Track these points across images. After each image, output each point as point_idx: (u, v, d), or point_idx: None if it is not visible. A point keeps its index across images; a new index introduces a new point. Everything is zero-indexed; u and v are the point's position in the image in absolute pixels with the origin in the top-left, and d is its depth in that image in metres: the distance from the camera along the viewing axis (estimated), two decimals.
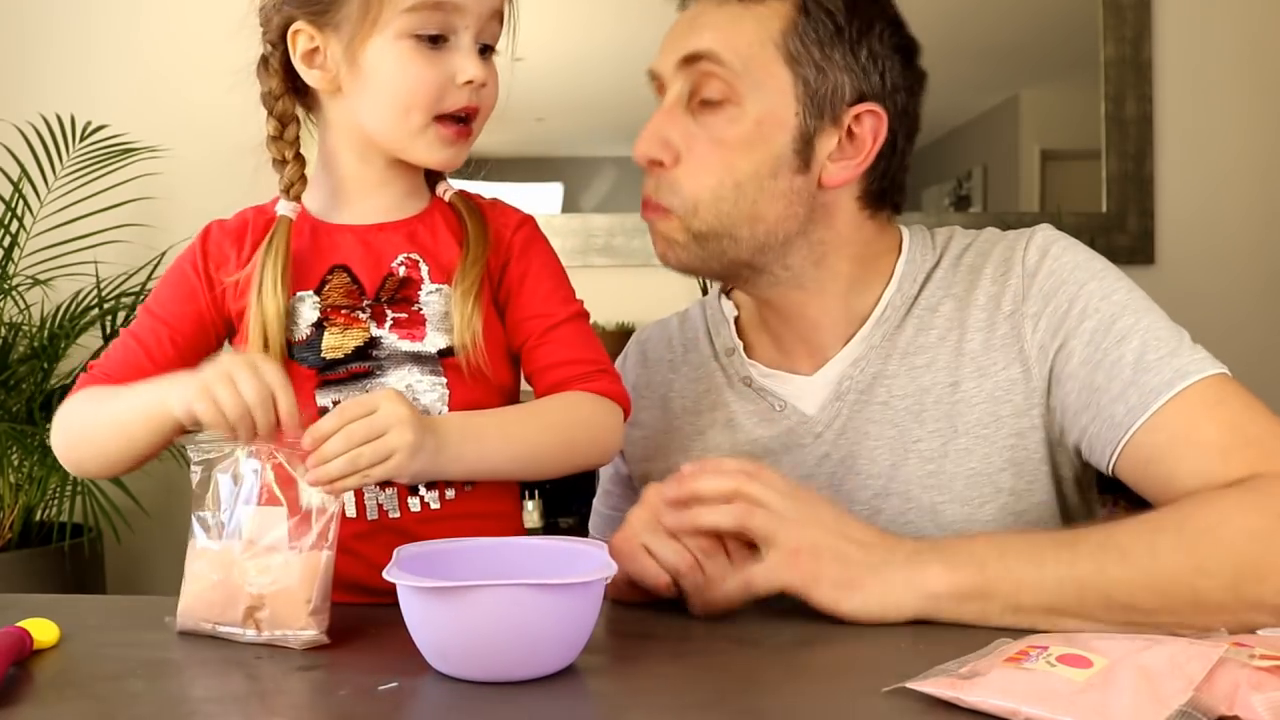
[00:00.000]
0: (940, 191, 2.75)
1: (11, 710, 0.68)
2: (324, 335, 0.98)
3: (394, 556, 0.78)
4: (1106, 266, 1.00)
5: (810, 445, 1.04)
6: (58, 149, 2.42)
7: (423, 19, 0.95)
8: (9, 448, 2.24)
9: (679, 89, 1.01)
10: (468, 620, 0.71)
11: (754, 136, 0.99)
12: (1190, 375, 0.91)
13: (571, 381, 0.99)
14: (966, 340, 1.01)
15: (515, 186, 2.70)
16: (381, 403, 0.85)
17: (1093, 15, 2.70)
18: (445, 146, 0.99)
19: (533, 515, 2.36)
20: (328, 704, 0.70)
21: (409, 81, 0.97)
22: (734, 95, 0.99)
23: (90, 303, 2.41)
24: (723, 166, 1.00)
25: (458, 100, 0.98)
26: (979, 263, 1.04)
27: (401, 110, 0.97)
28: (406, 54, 0.96)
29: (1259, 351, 2.65)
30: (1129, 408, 0.92)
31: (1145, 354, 0.93)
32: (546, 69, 2.59)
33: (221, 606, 0.83)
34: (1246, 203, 2.73)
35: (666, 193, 1.02)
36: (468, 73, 0.96)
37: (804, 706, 0.67)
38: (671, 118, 1.02)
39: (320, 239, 1.02)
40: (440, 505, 1.00)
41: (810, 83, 0.99)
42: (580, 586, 0.73)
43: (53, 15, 2.66)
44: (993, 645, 0.71)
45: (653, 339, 1.21)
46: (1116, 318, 0.95)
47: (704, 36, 1.00)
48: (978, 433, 0.99)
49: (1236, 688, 0.62)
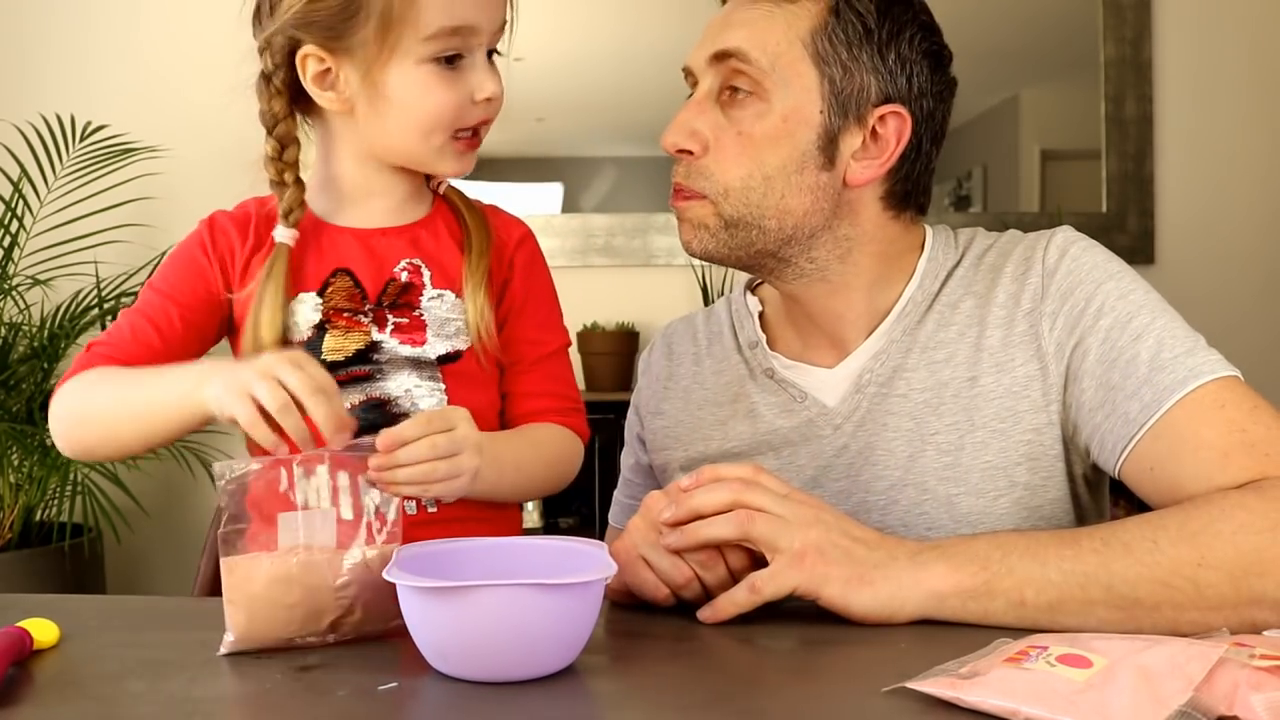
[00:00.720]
0: (940, 191, 2.75)
1: (11, 710, 0.68)
2: (325, 337, 0.99)
3: (393, 557, 0.77)
4: (1124, 268, 1.01)
5: (829, 436, 1.06)
6: (58, 149, 2.42)
7: (442, 44, 0.96)
8: (9, 448, 2.24)
9: (709, 83, 1.04)
10: (466, 620, 0.70)
11: (780, 132, 1.01)
12: (1203, 375, 0.91)
13: (549, 414, 1.05)
14: (986, 336, 1.02)
15: (515, 186, 2.70)
16: (460, 422, 0.87)
17: (1093, 15, 2.70)
18: (461, 158, 1.02)
19: (532, 515, 2.36)
20: (327, 704, 0.70)
21: (432, 106, 0.98)
22: (761, 91, 1.01)
23: (90, 303, 2.42)
24: (750, 159, 1.01)
25: (475, 116, 1.00)
26: (1000, 262, 1.05)
27: (424, 132, 0.99)
28: (428, 79, 0.97)
29: (1259, 351, 2.64)
30: (1143, 405, 0.93)
31: (1160, 352, 0.94)
32: (546, 69, 2.59)
33: (302, 620, 0.79)
34: (1247, 203, 2.73)
35: (698, 178, 1.03)
36: (486, 90, 0.99)
37: (804, 706, 0.67)
38: (701, 110, 1.04)
39: (323, 240, 1.02)
40: (437, 509, 1.00)
41: (836, 82, 1.01)
42: (579, 587, 0.73)
43: (52, 15, 2.66)
44: (993, 645, 0.71)
45: (678, 333, 1.24)
46: (1133, 316, 0.96)
47: (735, 35, 1.02)
48: (994, 426, 1.00)
49: (1236, 688, 0.62)
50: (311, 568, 0.80)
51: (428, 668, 0.74)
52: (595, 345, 2.55)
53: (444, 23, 0.95)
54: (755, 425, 1.09)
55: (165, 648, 0.82)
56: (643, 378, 1.24)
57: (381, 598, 0.80)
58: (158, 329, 0.99)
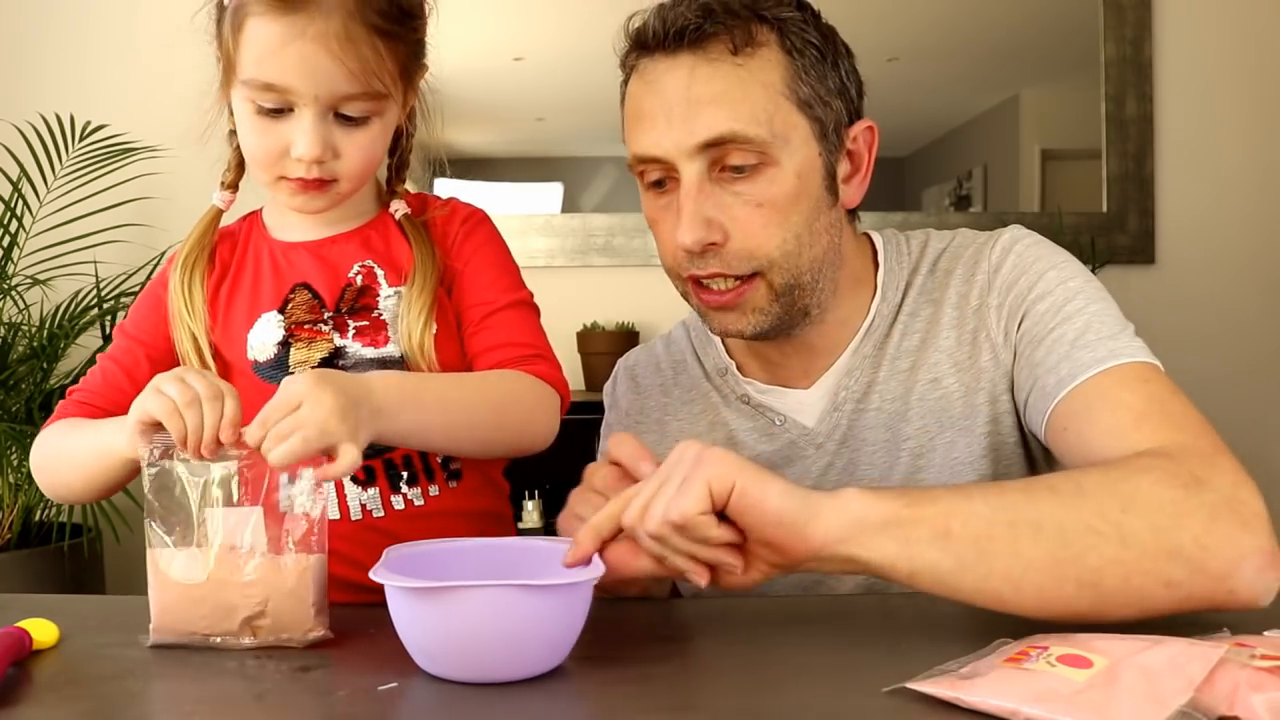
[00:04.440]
0: (940, 191, 2.75)
1: (11, 710, 0.68)
2: (290, 351, 0.99)
3: (383, 557, 0.77)
4: (1069, 259, 1.02)
5: (813, 456, 1.07)
6: (57, 149, 2.42)
7: (254, 93, 0.94)
8: (8, 448, 2.24)
9: (698, 168, 0.97)
10: (452, 621, 0.70)
11: (798, 189, 0.99)
12: (1122, 356, 0.92)
13: (508, 364, 0.99)
14: (942, 339, 1.04)
15: (515, 186, 2.70)
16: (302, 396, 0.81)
17: (1093, 15, 2.70)
18: (293, 197, 0.99)
19: (533, 515, 2.35)
20: (327, 704, 0.70)
21: (248, 144, 0.98)
22: (768, 159, 0.97)
23: (90, 303, 2.41)
24: (779, 226, 0.98)
25: (295, 170, 0.96)
26: (952, 265, 1.07)
27: (250, 163, 1.00)
28: (249, 118, 0.96)
29: (1259, 351, 2.65)
30: (1059, 378, 0.94)
31: (1085, 333, 0.95)
32: (546, 69, 2.59)
33: (212, 618, 0.81)
34: (1247, 202, 2.73)
35: (740, 262, 0.99)
36: (298, 149, 0.94)
37: (804, 707, 0.67)
38: (706, 196, 0.98)
39: (278, 259, 1.04)
40: (425, 502, 1.00)
41: (822, 120, 1.00)
42: (566, 588, 0.72)
43: (52, 15, 2.66)
44: (993, 645, 0.71)
45: (640, 363, 1.21)
46: (1068, 300, 0.98)
47: (717, 116, 0.96)
48: (960, 424, 1.02)
49: (1236, 688, 0.62)
50: (219, 564, 0.81)
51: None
52: (595, 345, 2.54)
53: (254, 74, 0.93)
54: (737, 452, 1.08)
55: (165, 648, 0.82)
56: (610, 412, 1.21)
57: (294, 604, 0.81)
58: (127, 372, 1.03)
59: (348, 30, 0.92)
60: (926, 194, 2.75)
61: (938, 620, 0.85)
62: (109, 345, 1.07)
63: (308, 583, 0.82)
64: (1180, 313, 2.64)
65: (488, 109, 2.61)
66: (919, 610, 0.88)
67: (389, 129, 1.00)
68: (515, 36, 2.61)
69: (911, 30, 2.65)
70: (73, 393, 1.03)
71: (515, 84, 2.52)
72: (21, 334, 2.38)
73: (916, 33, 2.67)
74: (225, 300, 1.03)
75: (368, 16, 0.93)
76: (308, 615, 0.81)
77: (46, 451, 1.00)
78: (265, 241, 1.05)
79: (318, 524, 0.83)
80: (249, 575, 0.81)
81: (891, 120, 2.68)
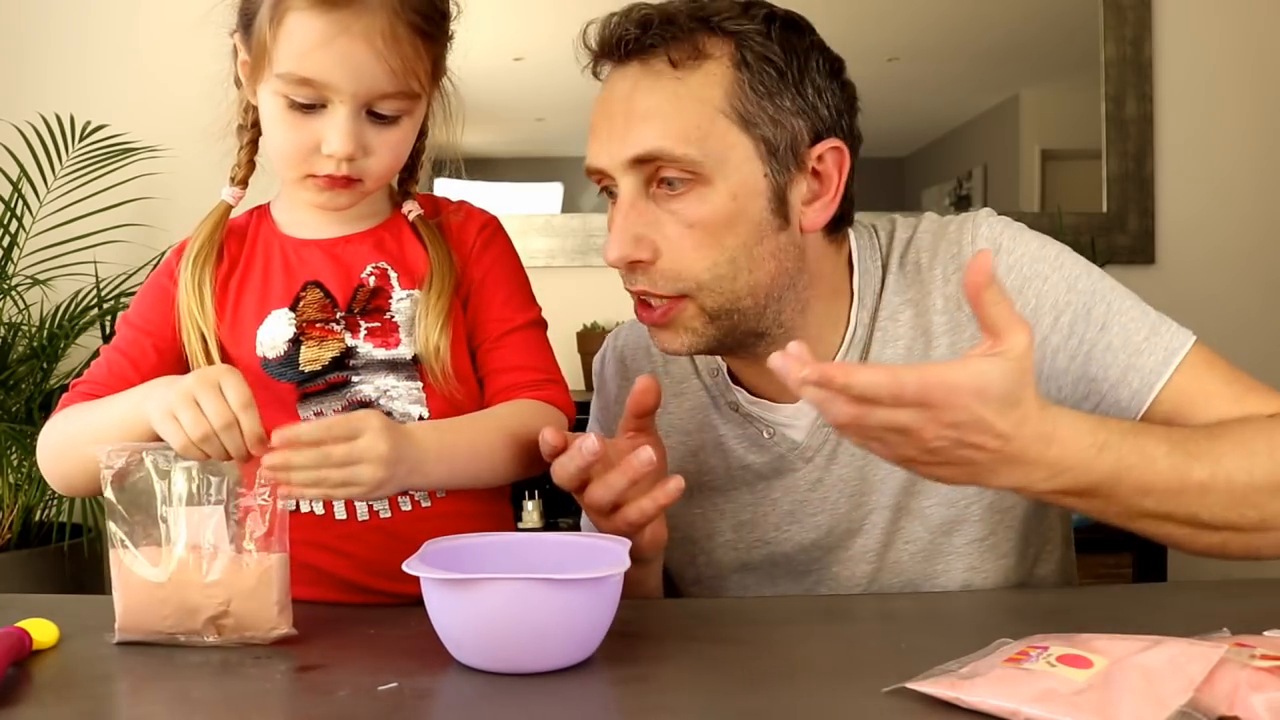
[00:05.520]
0: (940, 191, 2.75)
1: (11, 710, 0.68)
2: (301, 349, 0.99)
3: (420, 550, 0.80)
4: (1060, 251, 1.01)
5: (802, 470, 1.05)
6: (57, 149, 2.42)
7: (289, 88, 0.93)
8: (8, 448, 2.24)
9: (634, 183, 0.95)
10: (480, 612, 0.72)
11: (731, 211, 0.94)
12: (1178, 350, 0.95)
13: (521, 388, 1.01)
14: (933, 347, 1.01)
15: (515, 186, 2.70)
16: (366, 432, 0.83)
17: (1093, 15, 2.70)
18: (319, 194, 0.98)
19: (533, 515, 2.35)
20: (327, 704, 0.70)
21: (276, 139, 0.97)
22: (699, 178, 0.93)
23: (90, 303, 2.41)
24: (710, 247, 0.95)
25: (324, 168, 0.95)
26: (928, 261, 1.03)
27: (276, 159, 0.99)
28: (279, 113, 0.95)
29: (1260, 351, 2.64)
30: (1133, 391, 0.95)
31: (1131, 337, 0.96)
32: (546, 69, 2.59)
33: (175, 617, 0.82)
34: (1247, 202, 2.73)
35: (667, 282, 0.96)
36: (330, 145, 0.94)
37: (804, 706, 0.67)
38: (638, 213, 0.95)
39: (290, 256, 1.03)
40: (431, 503, 1.01)
41: (770, 140, 0.94)
42: (591, 582, 0.73)
43: (51, 15, 2.66)
44: (993, 645, 0.71)
45: (629, 345, 1.19)
46: (1090, 306, 0.97)
47: (647, 132, 0.93)
48: None
49: (1236, 688, 0.62)
50: (181, 563, 0.82)
51: (427, 668, 0.74)
52: (595, 345, 2.53)
53: (291, 68, 0.92)
54: (727, 460, 1.08)
55: (165, 648, 0.82)
56: (598, 395, 1.20)
57: (257, 604, 0.81)
58: (132, 362, 1.01)
59: (393, 28, 0.92)
60: (926, 194, 2.75)
61: (938, 620, 0.85)
62: (112, 338, 1.06)
63: (270, 582, 0.82)
64: (1180, 313, 2.60)
65: (488, 109, 2.60)
66: (919, 610, 0.88)
67: (416, 128, 1.01)
68: (515, 36, 2.60)
69: (911, 30, 2.65)
70: (77, 384, 1.02)
71: (515, 84, 2.52)
72: (21, 334, 2.38)
73: (916, 33, 2.66)
74: (234, 295, 1.02)
75: (409, 16, 0.93)
76: (271, 614, 0.82)
77: (56, 438, 0.98)
78: (275, 237, 1.04)
79: (279, 524, 0.83)
80: (211, 576, 0.82)
81: (891, 120, 2.68)
